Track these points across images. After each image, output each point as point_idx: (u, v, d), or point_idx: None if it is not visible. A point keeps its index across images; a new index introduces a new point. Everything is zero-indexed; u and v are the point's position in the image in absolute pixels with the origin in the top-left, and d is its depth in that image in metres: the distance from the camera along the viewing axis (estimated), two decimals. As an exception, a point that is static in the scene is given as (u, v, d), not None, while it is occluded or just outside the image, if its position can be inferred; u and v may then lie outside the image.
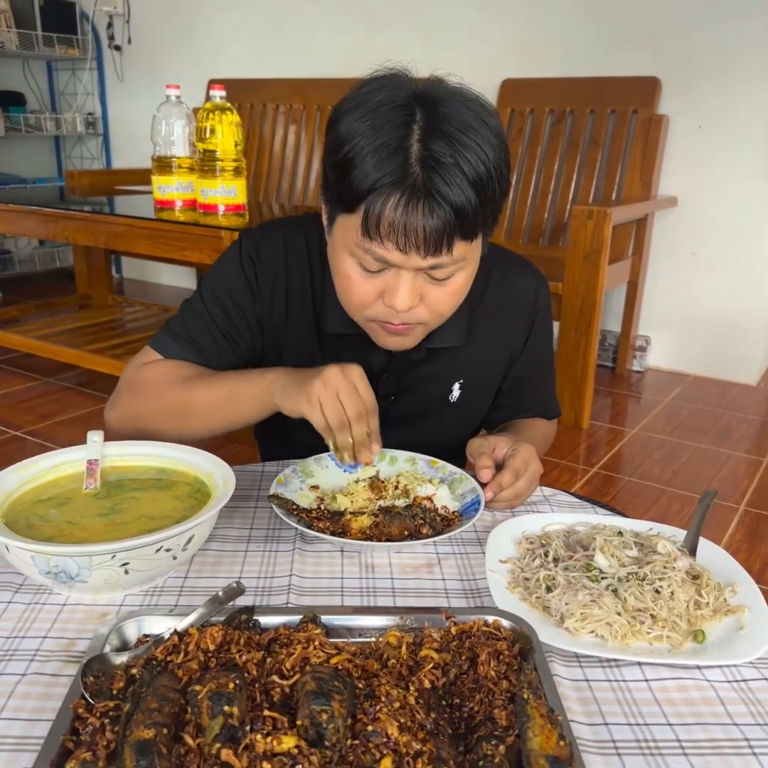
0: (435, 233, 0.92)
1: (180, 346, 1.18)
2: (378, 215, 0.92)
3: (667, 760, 0.67)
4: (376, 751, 0.60)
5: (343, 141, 0.93)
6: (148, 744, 0.58)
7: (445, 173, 0.90)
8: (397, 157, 0.90)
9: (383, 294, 1.00)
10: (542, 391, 1.37)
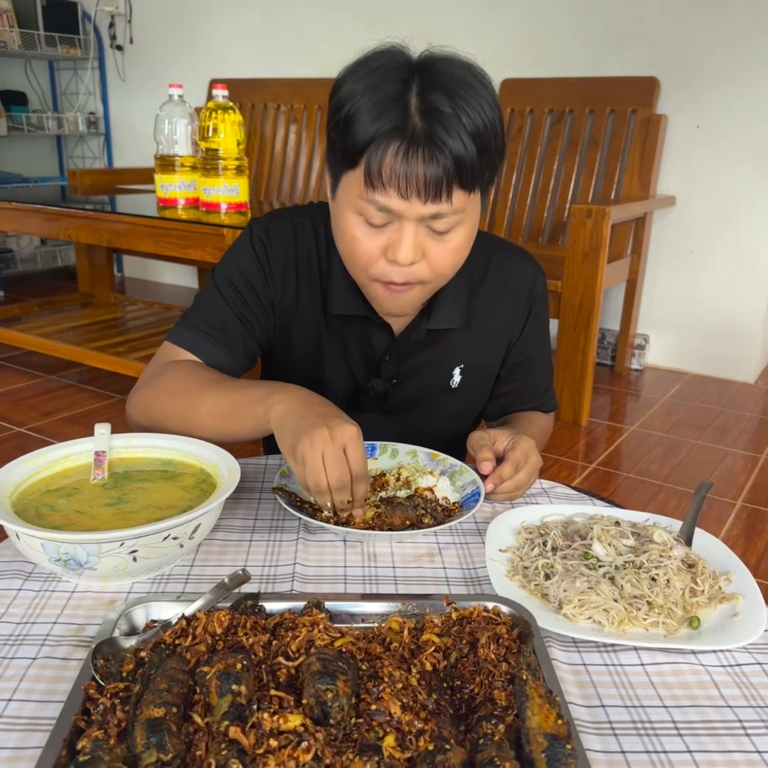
0: (435, 179, 0.95)
1: (197, 336, 1.19)
2: (379, 162, 0.95)
3: (662, 740, 0.69)
4: (380, 729, 0.61)
5: (344, 101, 0.97)
6: (158, 722, 0.60)
7: (446, 122, 0.93)
8: (397, 108, 0.94)
9: (387, 250, 1.02)
10: (540, 380, 1.39)
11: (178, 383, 1.14)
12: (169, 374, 1.16)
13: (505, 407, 1.38)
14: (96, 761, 0.58)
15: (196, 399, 1.10)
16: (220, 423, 1.09)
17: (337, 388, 1.26)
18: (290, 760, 0.56)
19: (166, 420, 1.13)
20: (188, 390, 1.12)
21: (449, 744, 0.61)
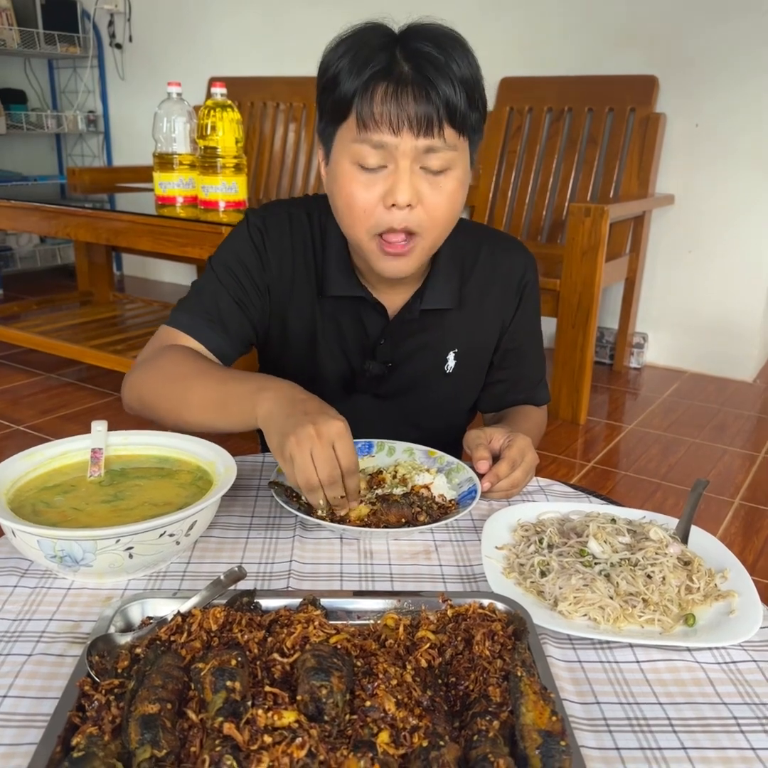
0: (426, 113, 0.99)
1: (193, 319, 1.20)
2: (370, 103, 1.00)
3: (656, 736, 0.69)
4: (374, 726, 0.62)
5: (329, 64, 1.04)
6: (153, 718, 0.60)
7: (435, 64, 0.99)
8: (382, 56, 0.99)
9: (385, 197, 1.04)
10: (532, 368, 1.39)
11: (173, 368, 1.14)
12: (164, 358, 1.16)
13: (498, 396, 1.38)
14: (90, 757, 0.58)
15: (188, 387, 1.10)
16: (209, 415, 1.09)
17: (333, 371, 1.27)
18: (284, 756, 0.56)
19: (158, 405, 1.13)
20: (181, 376, 1.12)
21: (443, 740, 0.61)
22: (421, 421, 1.31)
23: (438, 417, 1.33)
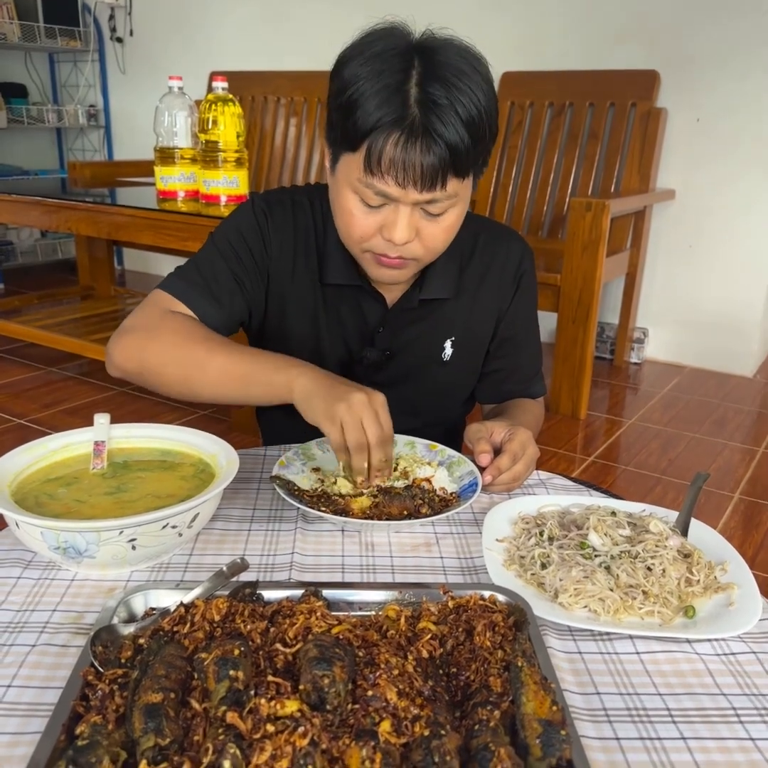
0: (431, 169, 0.99)
1: (188, 286, 1.20)
2: (379, 151, 0.99)
3: (656, 726, 0.69)
4: (376, 715, 0.62)
5: (347, 85, 1.00)
6: (156, 707, 0.61)
7: (441, 113, 0.97)
8: (397, 98, 0.97)
9: (382, 228, 1.07)
10: (528, 359, 1.40)
11: (186, 335, 1.14)
12: (173, 323, 1.15)
13: (495, 386, 1.39)
14: (94, 746, 0.58)
15: (204, 356, 1.11)
16: (229, 386, 1.12)
17: (331, 357, 1.28)
18: (287, 744, 0.57)
19: (163, 369, 1.13)
20: (194, 344, 1.13)
21: (445, 729, 0.62)
22: (418, 409, 1.32)
23: (435, 405, 1.35)
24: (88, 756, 0.57)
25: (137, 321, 1.18)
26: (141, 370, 1.15)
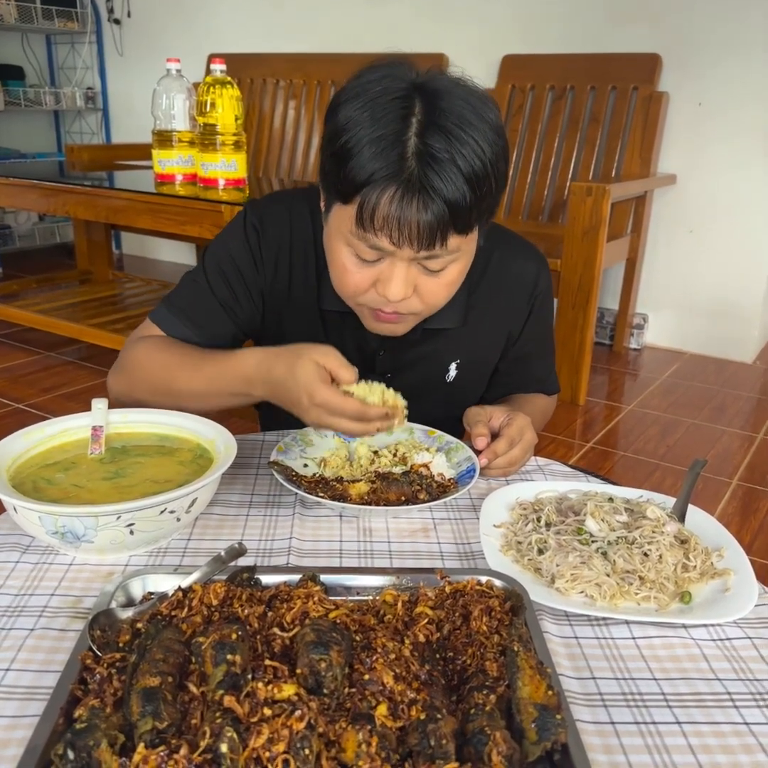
0: (428, 228, 0.92)
1: (175, 317, 1.19)
2: (372, 208, 0.92)
3: (651, 711, 0.70)
4: (372, 699, 0.62)
5: (341, 131, 0.92)
6: (154, 691, 0.61)
7: (440, 169, 0.90)
8: (394, 150, 0.90)
9: (377, 283, 1.01)
10: (541, 370, 1.38)
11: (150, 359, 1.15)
12: (138, 354, 1.17)
13: (505, 394, 1.37)
14: (93, 729, 0.58)
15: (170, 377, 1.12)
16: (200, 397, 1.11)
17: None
18: (284, 728, 0.57)
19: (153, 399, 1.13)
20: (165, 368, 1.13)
21: (441, 713, 0.62)
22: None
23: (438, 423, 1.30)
24: (86, 739, 0.57)
25: (121, 356, 1.20)
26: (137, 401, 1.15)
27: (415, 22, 4.08)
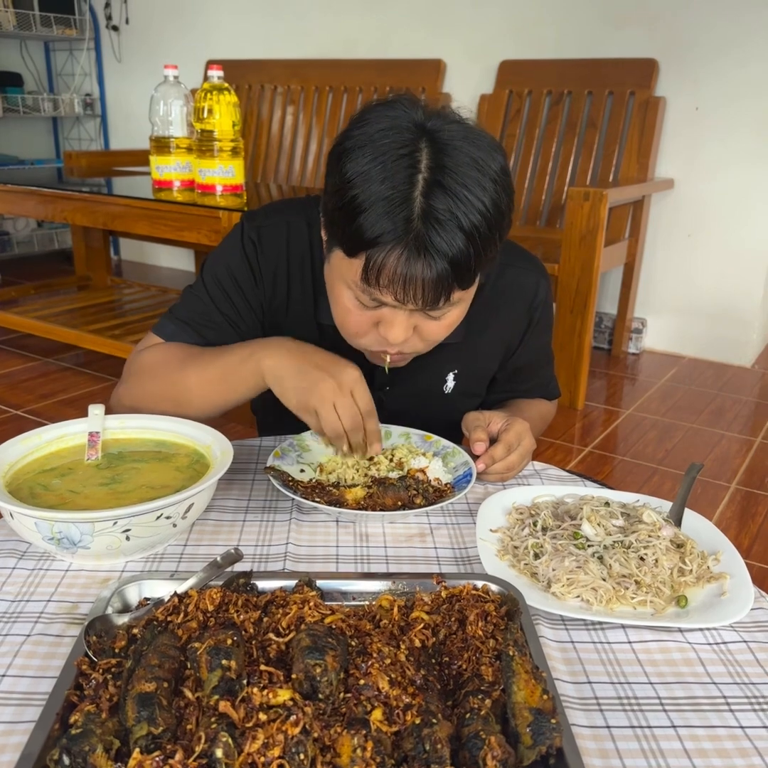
0: (433, 287, 0.94)
1: (180, 329, 1.19)
2: (379, 268, 0.93)
3: (647, 715, 0.70)
4: (368, 704, 0.63)
5: (349, 185, 0.93)
6: (150, 696, 0.61)
7: (443, 230, 0.91)
8: (402, 212, 0.91)
9: (379, 325, 1.02)
10: (541, 377, 1.39)
11: (159, 366, 1.16)
12: (146, 361, 1.18)
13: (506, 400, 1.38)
14: (88, 734, 0.58)
15: (181, 373, 1.13)
16: (210, 390, 1.12)
17: None
18: (279, 733, 0.57)
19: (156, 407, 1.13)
20: (169, 370, 1.14)
21: (436, 718, 0.62)
22: None
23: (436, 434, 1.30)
24: (82, 744, 0.57)
25: (125, 370, 1.21)
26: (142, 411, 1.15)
27: (413, 28, 4.10)
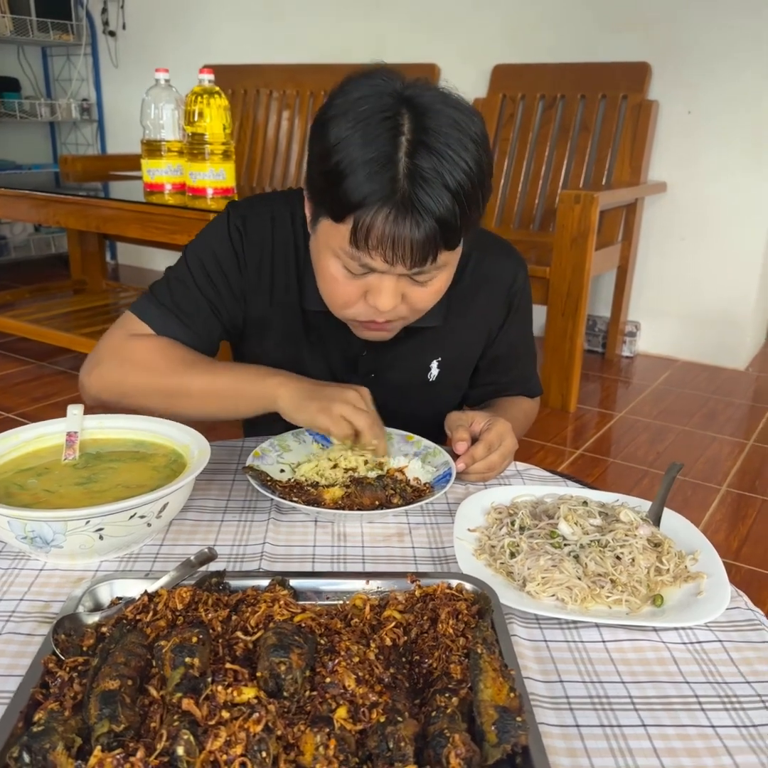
0: (420, 246, 0.95)
1: (163, 314, 1.19)
2: (367, 229, 0.93)
3: (617, 714, 0.70)
4: (333, 702, 0.62)
5: (333, 150, 0.93)
6: (113, 694, 0.61)
7: (430, 189, 0.92)
8: (387, 172, 0.91)
9: (366, 294, 1.02)
10: (522, 370, 1.39)
11: (159, 360, 1.15)
12: (142, 350, 1.16)
13: (488, 395, 1.38)
14: (49, 732, 0.58)
15: (185, 375, 1.13)
16: (213, 400, 1.13)
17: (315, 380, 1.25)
18: (241, 731, 0.57)
19: (145, 398, 1.14)
20: (173, 370, 1.14)
21: (402, 716, 0.62)
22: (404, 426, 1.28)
23: (421, 421, 1.30)
24: (42, 742, 0.57)
25: (108, 350, 1.19)
26: (120, 399, 1.16)
27: (407, 32, 4.11)
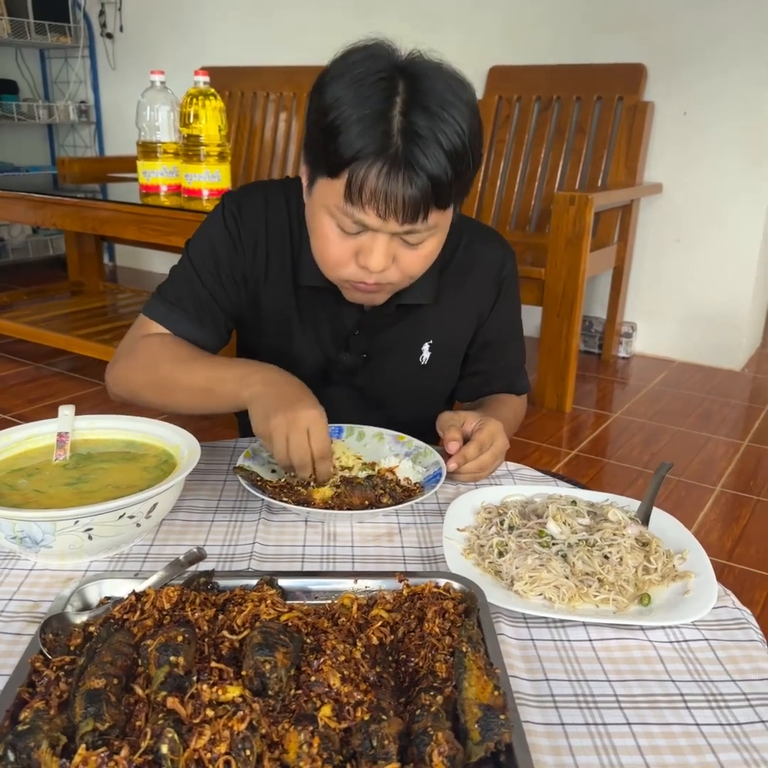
0: (413, 201, 0.97)
1: (168, 309, 1.22)
2: (361, 182, 0.96)
3: (602, 712, 0.70)
4: (317, 700, 0.62)
5: (329, 108, 0.97)
6: (98, 692, 0.61)
7: (424, 146, 0.95)
8: (380, 127, 0.95)
9: (358, 254, 1.05)
10: (512, 360, 1.39)
11: (152, 358, 1.19)
12: (143, 349, 1.20)
13: (476, 387, 1.38)
14: (35, 730, 0.58)
15: (172, 372, 1.16)
16: (197, 400, 1.16)
17: (306, 360, 1.27)
18: (225, 729, 0.57)
19: (143, 393, 1.20)
20: (162, 365, 1.17)
21: (386, 715, 0.62)
22: (396, 412, 1.30)
23: (414, 408, 1.33)
24: (27, 741, 0.57)
25: (121, 350, 1.26)
26: (132, 396, 1.22)
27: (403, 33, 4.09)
